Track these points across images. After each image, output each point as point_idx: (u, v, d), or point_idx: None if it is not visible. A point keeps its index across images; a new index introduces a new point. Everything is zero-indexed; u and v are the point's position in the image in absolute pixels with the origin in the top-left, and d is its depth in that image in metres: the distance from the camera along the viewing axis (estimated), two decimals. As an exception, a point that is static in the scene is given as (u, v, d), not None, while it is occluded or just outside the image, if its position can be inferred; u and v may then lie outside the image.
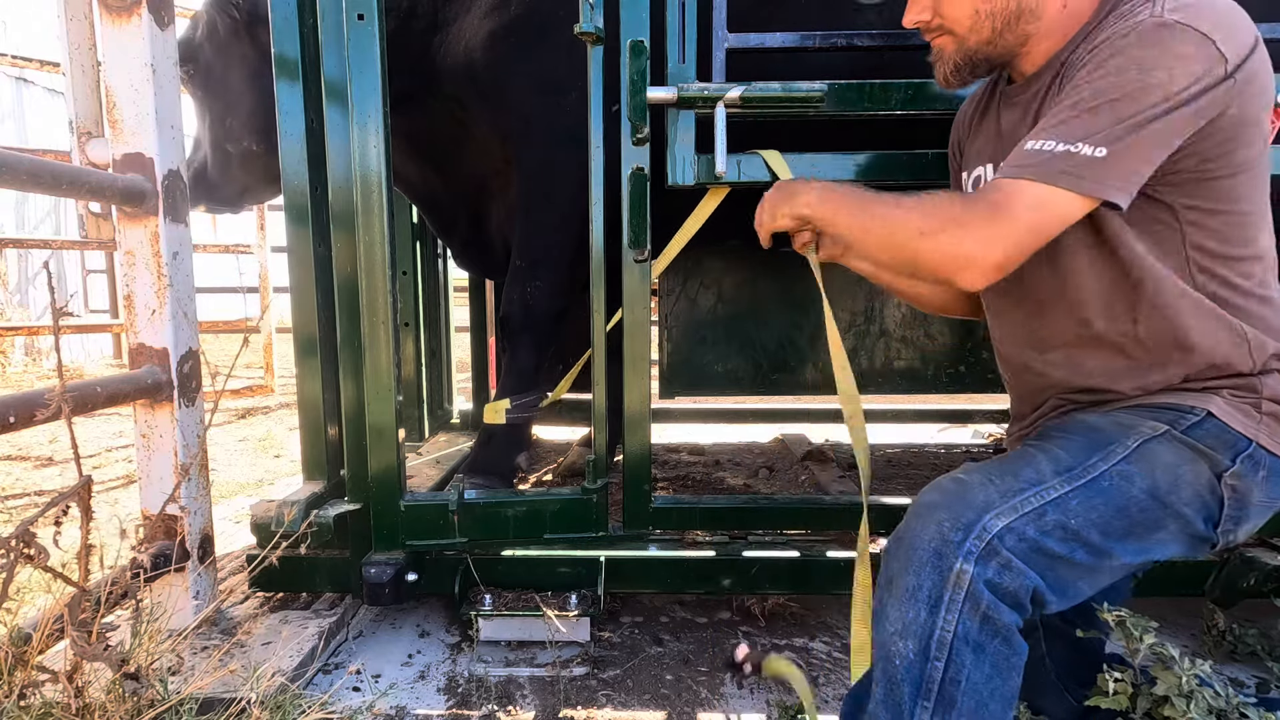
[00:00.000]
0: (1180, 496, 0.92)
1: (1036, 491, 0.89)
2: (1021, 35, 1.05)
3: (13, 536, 0.95)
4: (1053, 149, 0.89)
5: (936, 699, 0.82)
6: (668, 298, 2.87)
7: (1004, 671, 0.84)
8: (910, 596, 0.85)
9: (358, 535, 1.62)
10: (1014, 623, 0.84)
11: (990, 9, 1.04)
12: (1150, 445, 0.94)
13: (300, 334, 1.64)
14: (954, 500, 0.88)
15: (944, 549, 0.84)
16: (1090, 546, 0.88)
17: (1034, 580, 0.85)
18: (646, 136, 1.45)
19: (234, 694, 1.26)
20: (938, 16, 1.08)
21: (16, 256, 6.68)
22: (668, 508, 1.66)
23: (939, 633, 0.83)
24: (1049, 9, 1.03)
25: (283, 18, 1.54)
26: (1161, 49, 0.87)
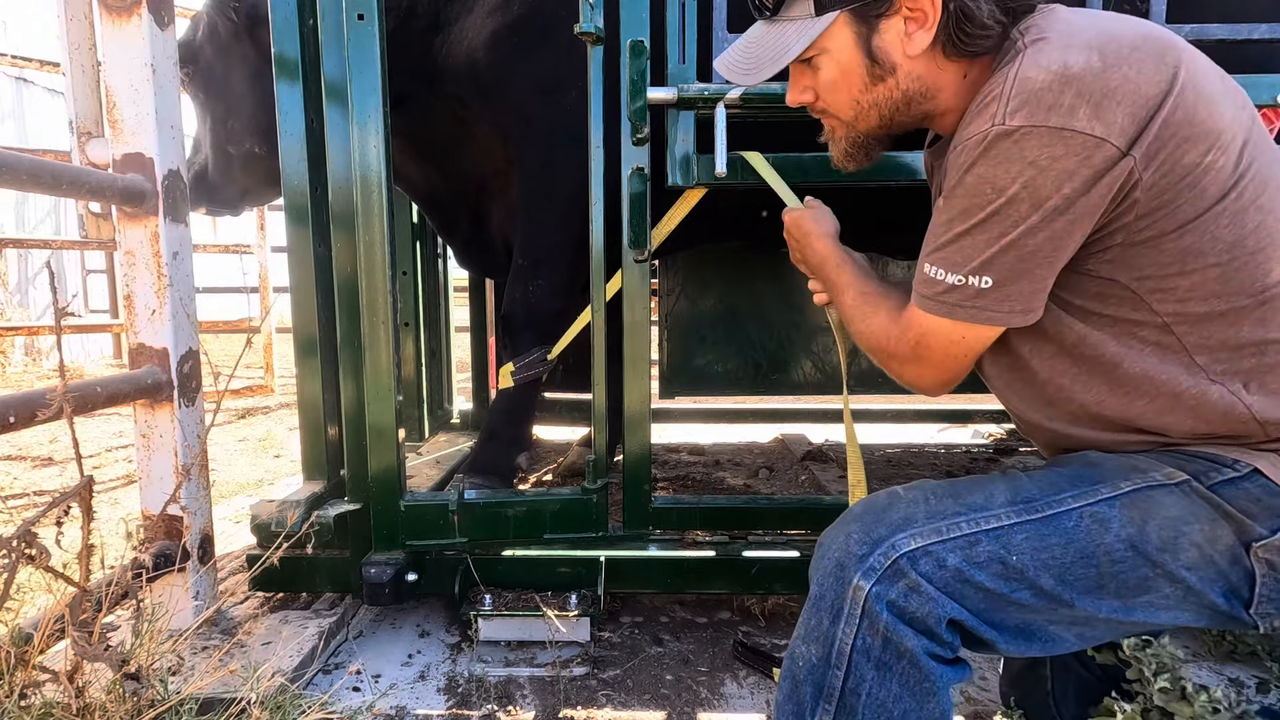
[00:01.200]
0: (1179, 558, 0.80)
1: (973, 518, 0.83)
2: (919, 114, 0.98)
3: (14, 537, 0.95)
4: (944, 280, 0.87)
5: (838, 705, 0.82)
6: (668, 298, 2.87)
7: (917, 694, 0.80)
8: (814, 604, 0.85)
9: (358, 535, 1.62)
10: (921, 648, 0.80)
11: (872, 99, 0.96)
12: (1151, 493, 0.82)
13: (300, 334, 1.64)
14: (872, 514, 0.86)
15: (846, 561, 0.83)
16: (1039, 591, 0.81)
17: (951, 610, 0.80)
18: (646, 136, 1.45)
19: (234, 694, 1.26)
20: (820, 100, 1.01)
21: (16, 256, 6.68)
22: (668, 508, 1.66)
23: (838, 643, 0.82)
24: (944, 85, 0.94)
25: (283, 18, 1.54)
26: (1008, 164, 0.79)
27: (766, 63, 0.98)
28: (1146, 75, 0.77)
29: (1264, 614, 0.81)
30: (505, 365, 1.95)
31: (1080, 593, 0.81)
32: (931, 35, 0.90)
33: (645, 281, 1.56)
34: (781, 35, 0.96)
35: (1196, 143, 0.78)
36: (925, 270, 0.89)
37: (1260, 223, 0.81)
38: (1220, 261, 0.81)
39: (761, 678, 1.51)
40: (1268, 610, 0.81)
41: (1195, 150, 0.78)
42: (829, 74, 0.97)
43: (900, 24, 0.91)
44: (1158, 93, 0.77)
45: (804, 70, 1.00)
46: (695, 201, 1.55)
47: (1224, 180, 0.79)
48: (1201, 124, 0.78)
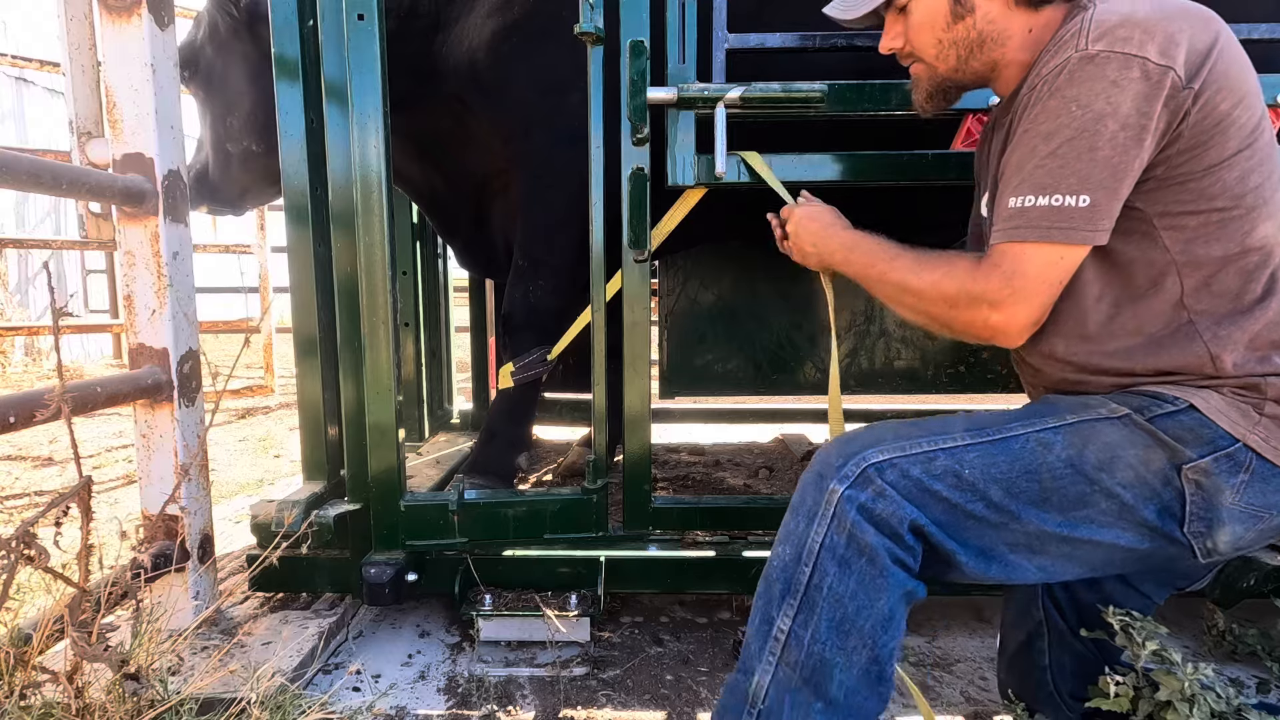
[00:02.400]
0: (1115, 477, 0.91)
1: (934, 439, 0.95)
2: (988, 62, 1.07)
3: (13, 537, 0.95)
4: (1036, 204, 0.91)
5: (801, 599, 0.92)
6: (668, 298, 2.87)
7: (870, 590, 0.90)
8: (794, 510, 0.97)
9: (358, 535, 1.62)
10: (881, 545, 0.90)
11: (952, 38, 1.07)
12: (1094, 424, 0.94)
13: (300, 334, 1.64)
14: (849, 438, 0.98)
15: (825, 471, 0.95)
16: (990, 502, 0.92)
17: (911, 513, 0.91)
18: (646, 136, 1.45)
19: (234, 694, 1.26)
20: (909, 44, 1.12)
21: (16, 256, 6.68)
22: (668, 508, 1.66)
23: (809, 542, 0.93)
24: (1013, 34, 1.04)
25: (283, 17, 1.54)
26: (1092, 82, 0.88)
27: (866, 1, 1.11)
28: (1198, 30, 0.89)
29: (1195, 532, 0.92)
30: (505, 365, 1.95)
31: (1025, 504, 0.92)
32: None
33: (645, 281, 1.56)
34: None
35: (1230, 94, 0.89)
36: (1012, 203, 0.93)
37: (1260, 185, 0.92)
38: (1224, 207, 0.92)
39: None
40: (1199, 529, 0.92)
41: (1228, 101, 0.89)
42: (918, 14, 1.08)
43: None
44: (1206, 45, 0.89)
45: (897, 18, 1.12)
46: (695, 201, 1.55)
47: (1244, 135, 0.91)
48: (1235, 80, 0.90)
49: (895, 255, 1.07)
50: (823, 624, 0.90)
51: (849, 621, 0.90)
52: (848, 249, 1.14)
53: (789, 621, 0.92)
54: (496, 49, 1.81)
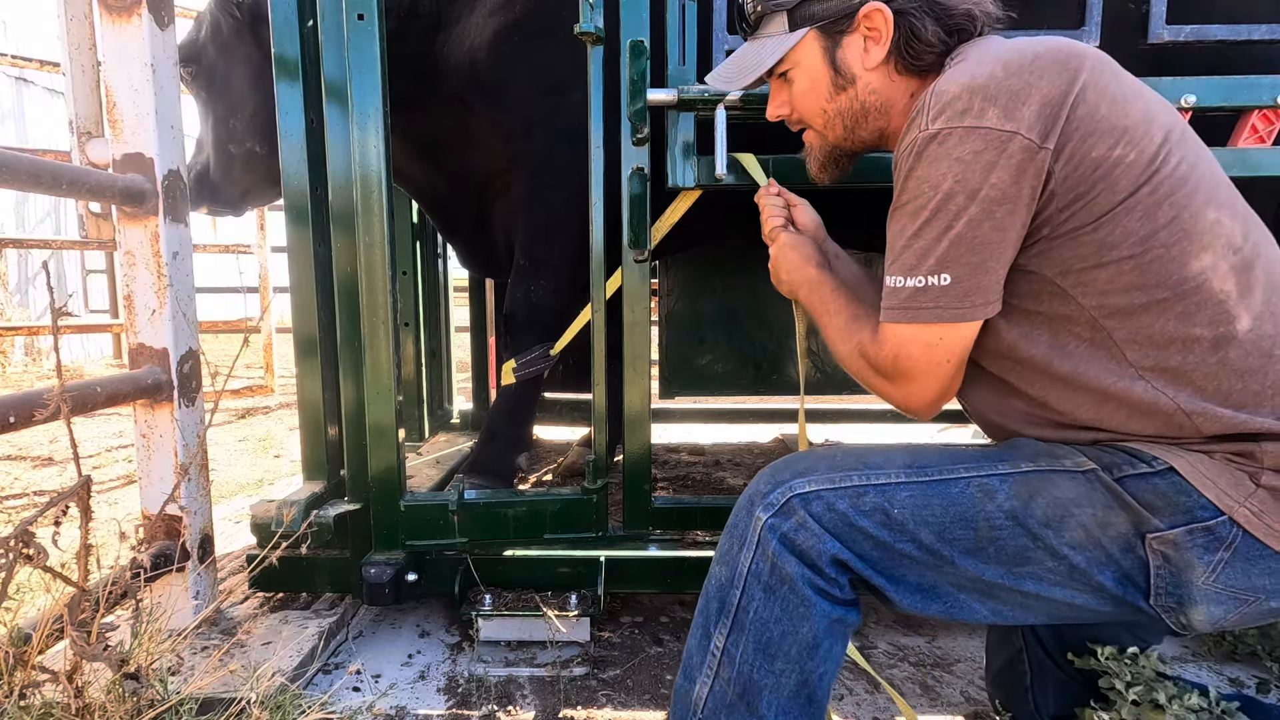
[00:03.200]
0: (1063, 536, 0.85)
1: (866, 474, 0.92)
2: (875, 130, 1.08)
3: (12, 536, 0.95)
4: (905, 285, 0.90)
5: (733, 621, 0.93)
6: (667, 298, 2.87)
7: (794, 618, 0.90)
8: (728, 532, 0.98)
9: (358, 535, 1.62)
10: (801, 577, 0.89)
11: (836, 108, 1.08)
12: (1050, 475, 0.88)
13: (300, 334, 1.64)
14: (783, 464, 0.98)
15: (754, 498, 0.95)
16: (920, 544, 0.89)
17: (832, 547, 0.89)
18: (646, 137, 1.45)
19: (234, 694, 1.26)
20: (795, 111, 1.13)
21: (16, 256, 6.68)
22: (668, 508, 1.66)
23: (739, 567, 0.94)
24: (895, 102, 1.05)
25: (283, 17, 1.54)
26: (938, 162, 0.86)
27: (748, 72, 1.12)
28: (1048, 79, 0.85)
29: (1164, 606, 0.85)
30: (507, 363, 1.95)
31: (960, 553, 0.88)
32: (885, 50, 1.01)
33: (645, 281, 1.56)
34: (760, 49, 1.10)
35: (1102, 137, 0.84)
36: (888, 283, 0.94)
37: (1174, 217, 0.84)
38: (1134, 254, 0.85)
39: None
40: (1168, 604, 0.85)
41: (1102, 145, 0.84)
42: (800, 84, 1.09)
43: (860, 40, 1.03)
44: (1059, 93, 0.84)
45: (781, 86, 1.13)
46: (691, 201, 1.55)
47: (1135, 175, 0.84)
48: (1105, 120, 0.84)
49: (836, 311, 1.07)
50: (750, 646, 0.91)
51: (774, 645, 0.90)
52: (809, 288, 1.14)
53: (723, 640, 0.93)
54: (497, 49, 1.81)
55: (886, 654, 1.61)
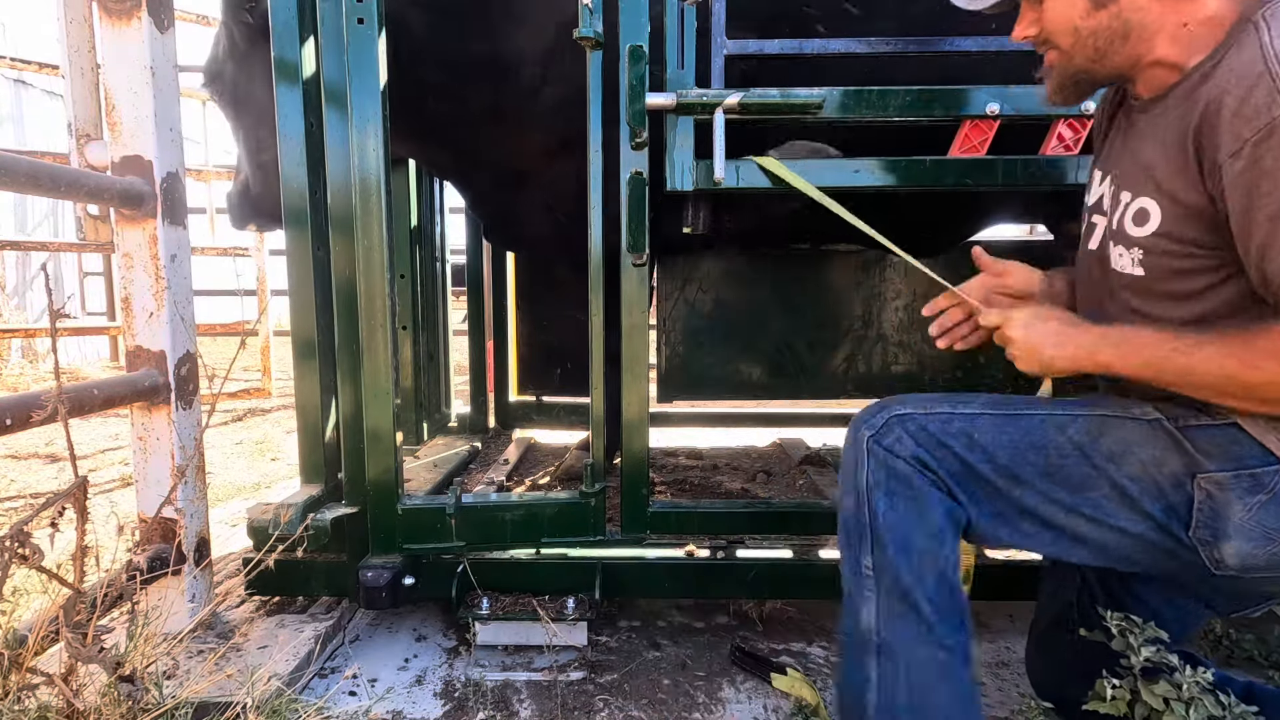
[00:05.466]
0: (1122, 469, 0.96)
1: (954, 406, 1.05)
2: (1131, 57, 0.98)
3: (7, 537, 0.95)
4: None
5: (872, 537, 1.03)
6: (666, 301, 2.88)
7: (918, 508, 1.01)
8: (844, 465, 1.09)
9: (355, 539, 1.62)
10: (911, 472, 1.01)
11: (1092, 26, 0.97)
12: (1119, 420, 0.99)
13: (299, 337, 1.64)
14: (881, 401, 1.09)
15: (859, 424, 1.07)
16: (996, 465, 1.00)
17: (925, 456, 1.01)
18: (645, 141, 1.46)
19: (230, 698, 1.25)
20: (1043, 31, 1.03)
21: (15, 259, 6.67)
22: (665, 512, 1.66)
23: (859, 485, 1.04)
24: (1163, 26, 0.94)
25: (283, 21, 1.54)
26: None
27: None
28: None
29: (1202, 539, 0.95)
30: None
31: (1035, 475, 1.00)
32: None
33: (644, 285, 1.56)
34: None
35: None
36: None
37: None
38: None
39: (759, 682, 1.51)
40: (1205, 537, 0.94)
41: None
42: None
43: None
44: None
45: (1031, 4, 1.03)
46: None
47: None
48: None
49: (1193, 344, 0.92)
50: (890, 550, 1.01)
51: (910, 541, 1.00)
52: (1117, 344, 0.97)
53: (870, 559, 1.03)
54: None
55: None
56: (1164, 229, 0.96)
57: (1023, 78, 1.39)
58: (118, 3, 1.38)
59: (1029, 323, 1.04)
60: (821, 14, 1.77)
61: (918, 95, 1.44)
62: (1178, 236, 0.95)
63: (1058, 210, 2.06)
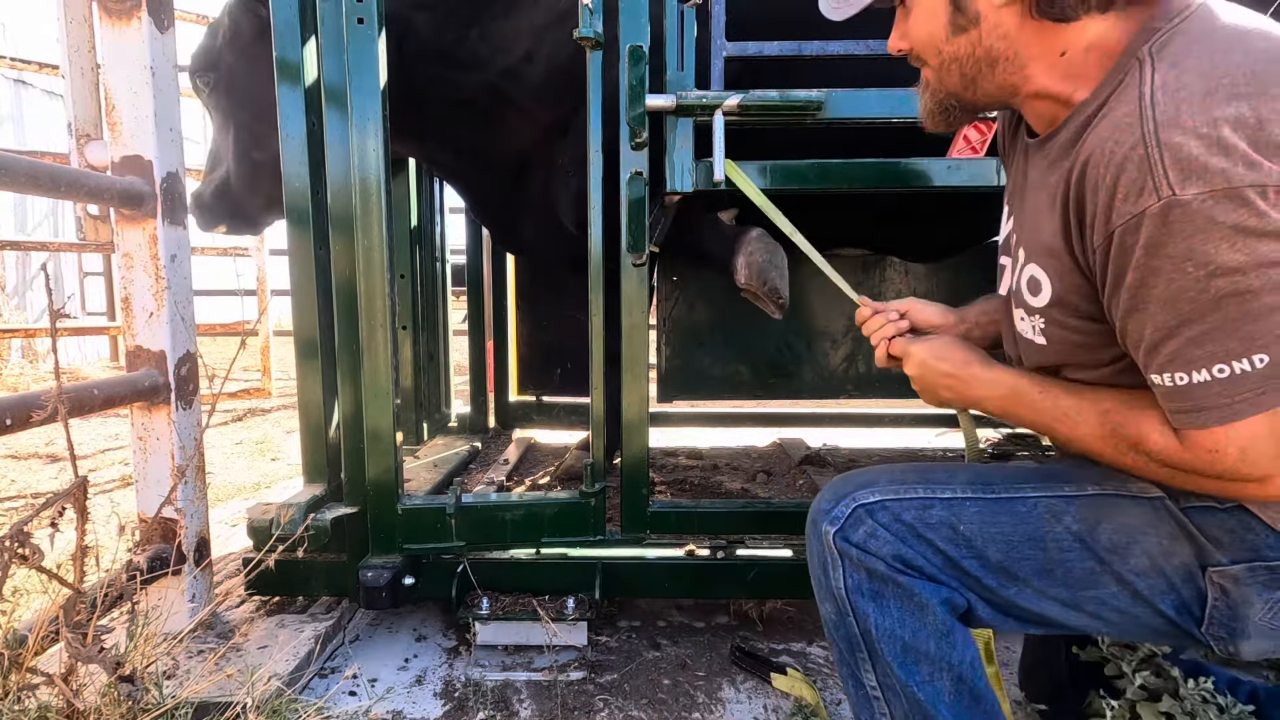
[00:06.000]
0: (1128, 563, 0.84)
1: (931, 488, 0.90)
2: (1005, 86, 0.88)
3: (7, 537, 0.95)
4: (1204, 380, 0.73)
5: (868, 651, 0.90)
6: (665, 302, 2.88)
7: (913, 611, 0.87)
8: (810, 564, 0.95)
9: (355, 539, 1.62)
10: (892, 571, 0.88)
11: (953, 52, 0.88)
12: (1117, 500, 0.86)
13: (301, 337, 1.64)
14: (842, 480, 0.95)
15: (817, 517, 0.92)
16: (987, 562, 0.87)
17: (906, 552, 0.88)
18: (645, 141, 1.46)
19: (230, 698, 1.25)
20: (912, 45, 0.94)
21: (15, 259, 6.67)
22: (665, 512, 1.66)
23: (837, 590, 0.90)
24: (1035, 56, 0.84)
25: (284, 21, 1.54)
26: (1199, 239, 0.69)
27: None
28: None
29: (1216, 636, 0.84)
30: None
31: (1029, 573, 0.87)
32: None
33: (644, 285, 1.56)
34: None
35: None
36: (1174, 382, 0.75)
37: None
38: None
39: (759, 682, 1.51)
40: (1219, 634, 0.84)
41: None
42: (916, 15, 0.91)
43: None
44: None
45: (902, 14, 0.94)
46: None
47: None
48: None
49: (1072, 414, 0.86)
50: (894, 666, 0.88)
51: (912, 650, 0.88)
52: (999, 396, 0.92)
53: (873, 677, 0.91)
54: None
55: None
56: (1056, 298, 0.87)
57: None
58: (118, 3, 1.38)
59: (924, 362, 1.00)
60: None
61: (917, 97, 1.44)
62: (1072, 308, 0.85)
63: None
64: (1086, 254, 0.80)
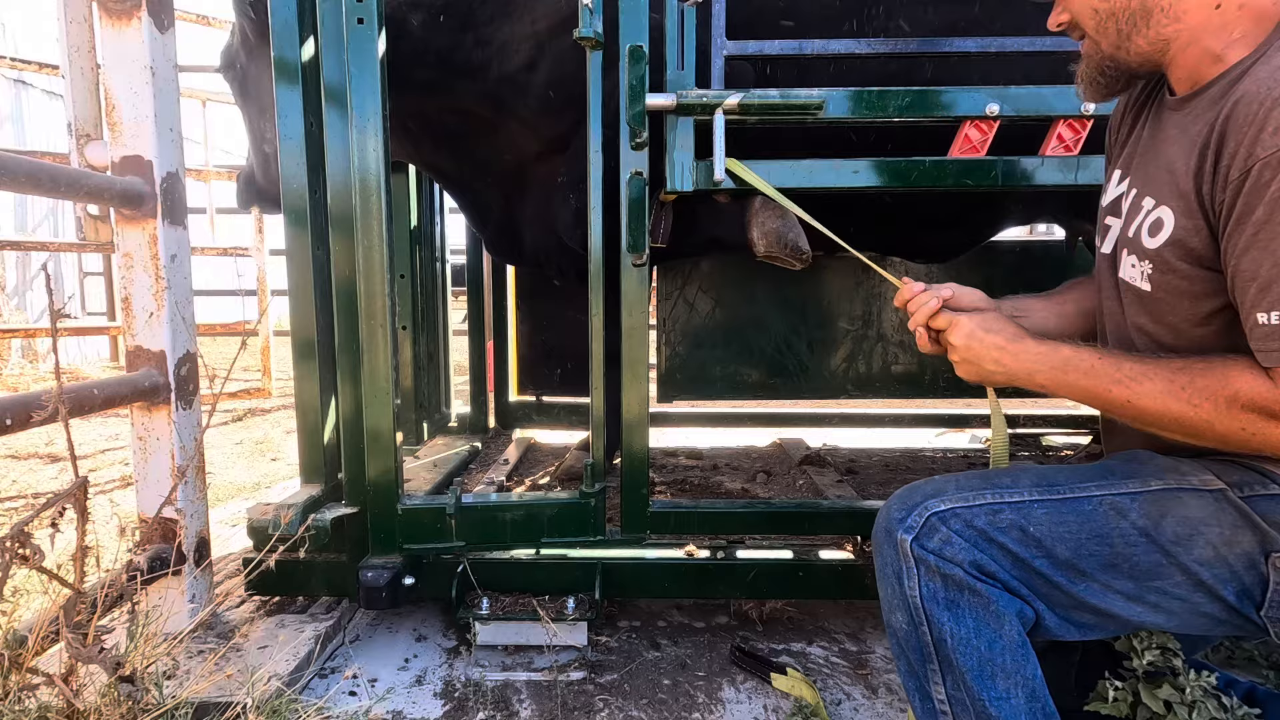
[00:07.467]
0: (1192, 554, 0.86)
1: (999, 493, 0.92)
2: (1157, 41, 0.90)
3: (7, 537, 0.95)
4: None
5: (940, 661, 0.90)
6: (666, 302, 2.88)
7: (989, 621, 0.88)
8: (881, 574, 0.95)
9: (355, 539, 1.62)
10: (970, 578, 0.88)
11: (1110, 8, 0.91)
12: (1180, 494, 0.88)
13: (299, 337, 1.64)
14: (909, 491, 0.96)
15: (891, 527, 0.93)
16: (1056, 560, 0.89)
17: (980, 558, 0.89)
18: (645, 141, 1.46)
19: (230, 698, 1.25)
20: (1071, 16, 0.97)
21: (15, 259, 6.67)
22: (665, 512, 1.66)
23: (910, 599, 0.91)
24: (1189, 8, 0.87)
25: (283, 21, 1.54)
26: None
27: None
28: None
29: (1273, 618, 0.88)
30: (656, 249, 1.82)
31: (1098, 569, 0.88)
32: None
33: (644, 286, 1.56)
34: None
35: None
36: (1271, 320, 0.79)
37: None
38: None
39: (759, 682, 1.51)
40: (1277, 615, 0.87)
41: None
42: None
43: None
44: None
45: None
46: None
47: None
48: None
49: (1136, 375, 0.87)
50: (969, 677, 0.88)
51: (989, 664, 0.88)
52: (1057, 369, 0.94)
53: (943, 689, 0.91)
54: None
55: (884, 658, 1.61)
56: (1174, 238, 0.89)
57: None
58: (118, 3, 1.38)
59: (972, 332, 1.00)
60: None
61: (917, 96, 1.44)
62: (1186, 250, 0.88)
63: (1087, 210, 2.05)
64: (1215, 191, 0.84)
